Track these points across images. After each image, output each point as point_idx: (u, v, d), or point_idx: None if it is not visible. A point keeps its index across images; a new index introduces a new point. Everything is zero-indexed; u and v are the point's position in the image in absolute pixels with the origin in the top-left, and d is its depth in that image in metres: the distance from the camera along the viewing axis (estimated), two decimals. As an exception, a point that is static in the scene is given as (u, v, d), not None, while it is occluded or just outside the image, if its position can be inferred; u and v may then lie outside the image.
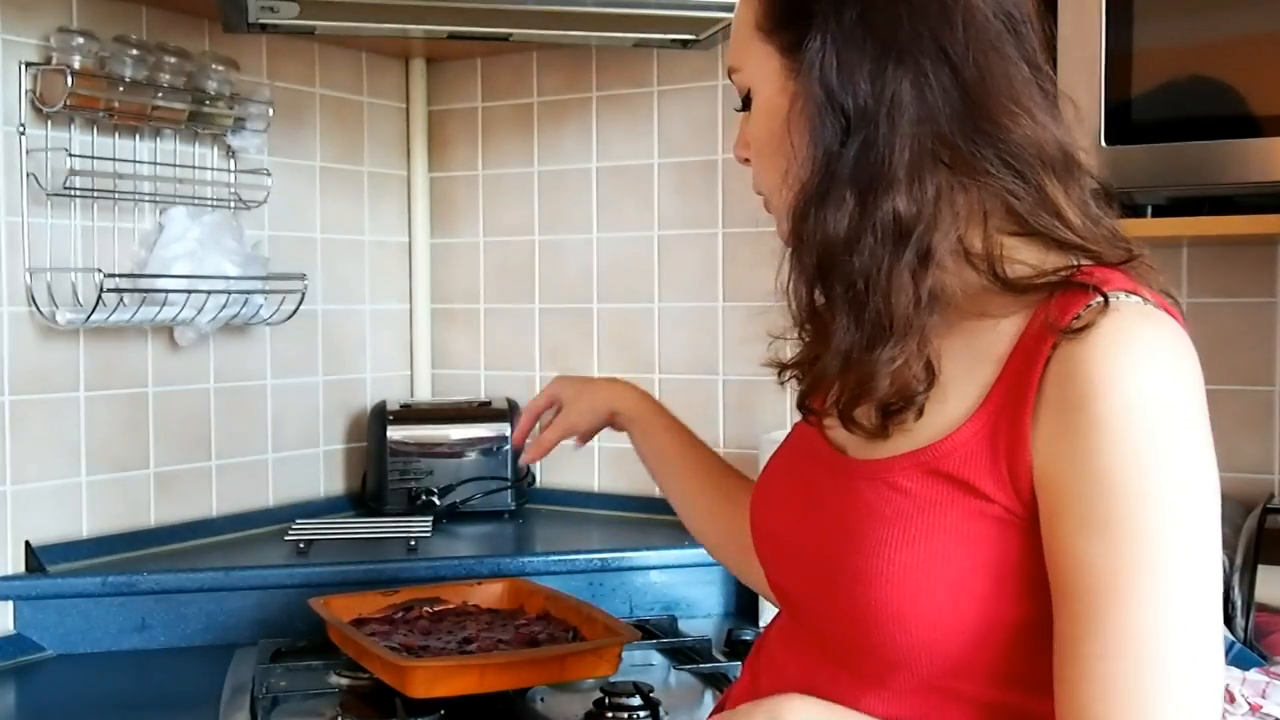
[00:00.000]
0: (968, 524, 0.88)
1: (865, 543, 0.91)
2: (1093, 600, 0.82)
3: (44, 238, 1.82)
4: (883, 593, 0.89)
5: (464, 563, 1.92)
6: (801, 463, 1.06)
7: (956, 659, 0.89)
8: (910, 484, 0.91)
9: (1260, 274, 1.78)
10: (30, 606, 1.78)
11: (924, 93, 0.89)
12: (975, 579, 0.88)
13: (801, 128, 0.93)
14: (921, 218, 0.89)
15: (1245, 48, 1.47)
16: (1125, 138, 1.51)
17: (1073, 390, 0.84)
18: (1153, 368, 0.83)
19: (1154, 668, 0.81)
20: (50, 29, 1.81)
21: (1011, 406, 0.87)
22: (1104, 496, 0.82)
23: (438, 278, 2.49)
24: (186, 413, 2.04)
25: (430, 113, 2.47)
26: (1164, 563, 0.81)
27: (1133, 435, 0.82)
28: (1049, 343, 0.86)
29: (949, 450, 0.90)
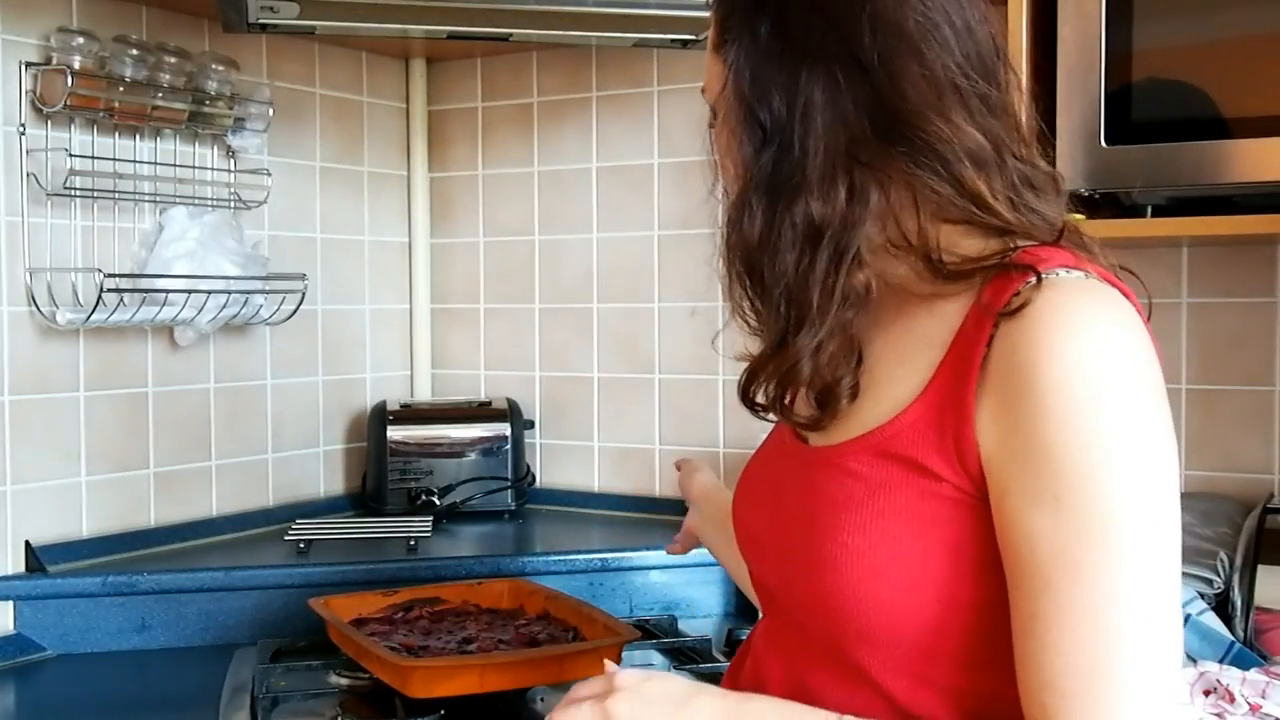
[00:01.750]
0: (919, 504, 0.90)
1: (821, 529, 0.94)
2: (1047, 575, 0.83)
3: (44, 238, 1.82)
4: (841, 577, 0.91)
5: (464, 563, 1.92)
6: (775, 459, 1.09)
7: (923, 644, 0.91)
8: (861, 467, 0.93)
9: (1260, 274, 1.78)
10: (30, 606, 1.78)
11: (836, 98, 0.92)
12: (931, 559, 0.89)
13: (729, 138, 1.00)
14: (834, 218, 0.92)
15: (1245, 48, 1.47)
16: (1125, 138, 1.51)
17: (1013, 367, 0.85)
18: (1091, 339, 0.84)
19: (1115, 639, 0.81)
20: (50, 29, 1.81)
21: (955, 386, 0.89)
22: (1049, 470, 0.83)
23: (437, 278, 2.49)
24: (186, 413, 2.04)
25: (430, 113, 2.47)
26: (1115, 533, 0.82)
27: (1075, 408, 0.83)
28: (989, 323, 0.88)
29: (896, 431, 0.92)
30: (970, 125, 0.92)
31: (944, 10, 0.94)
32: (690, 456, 1.54)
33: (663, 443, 2.26)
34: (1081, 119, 1.52)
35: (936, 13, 0.94)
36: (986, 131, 0.93)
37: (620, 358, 2.31)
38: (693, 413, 2.24)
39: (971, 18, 0.96)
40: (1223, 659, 1.46)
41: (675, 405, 2.26)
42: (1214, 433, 1.81)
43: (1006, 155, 0.94)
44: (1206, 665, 1.40)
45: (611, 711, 0.92)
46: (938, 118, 0.91)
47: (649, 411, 2.27)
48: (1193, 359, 1.82)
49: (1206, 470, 1.81)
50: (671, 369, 2.26)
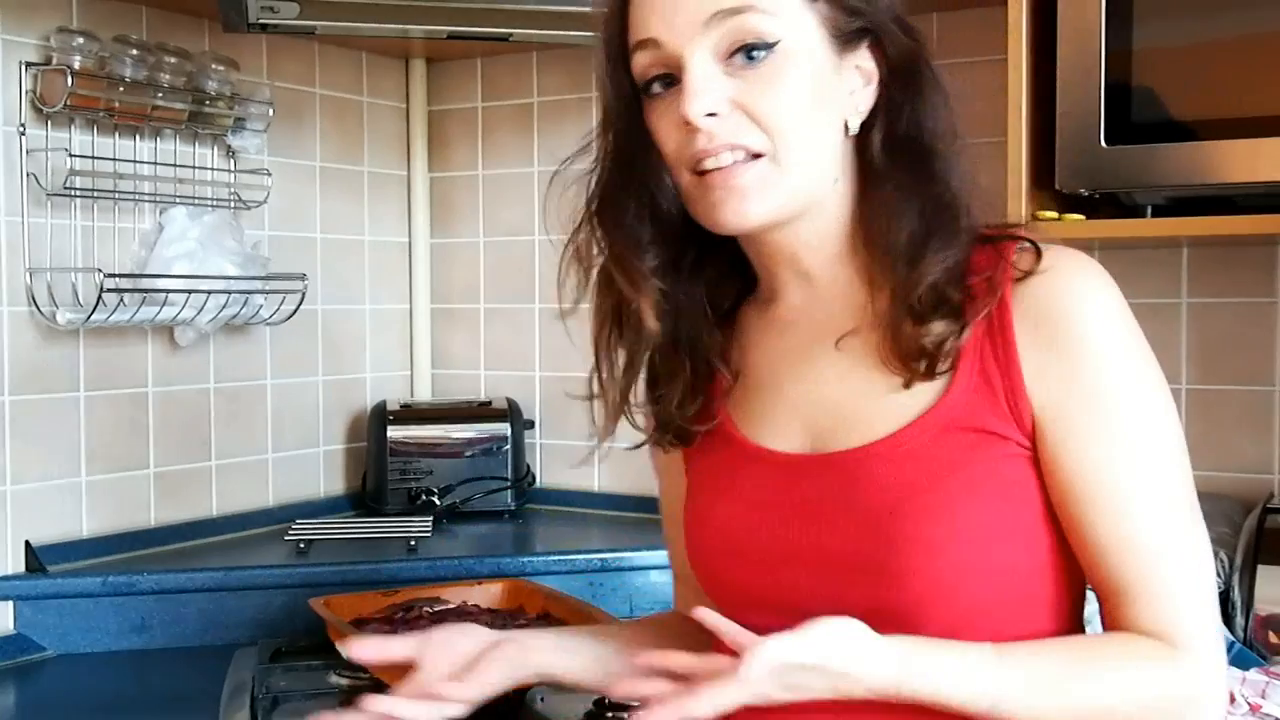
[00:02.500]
0: (998, 467, 0.95)
1: (913, 517, 0.94)
2: (1123, 500, 0.93)
3: (44, 238, 1.82)
4: (951, 558, 0.93)
5: (464, 563, 1.92)
6: (765, 482, 1.05)
7: (1027, 595, 0.96)
8: (930, 448, 0.95)
9: (1260, 274, 1.78)
10: (30, 606, 1.78)
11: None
12: (1021, 517, 0.96)
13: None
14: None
15: (1245, 48, 1.47)
16: (1125, 138, 1.51)
17: (1047, 317, 0.94)
18: (1110, 289, 0.95)
19: (1190, 542, 0.94)
20: (50, 29, 1.81)
21: (994, 348, 0.95)
22: (1110, 407, 0.93)
23: (438, 278, 2.49)
24: (186, 413, 2.04)
25: (430, 113, 2.47)
26: (1173, 448, 0.94)
27: (1115, 348, 0.94)
28: (1007, 284, 0.95)
29: (953, 403, 0.96)
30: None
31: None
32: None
33: (663, 443, 2.26)
34: (1081, 119, 1.52)
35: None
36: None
37: (620, 358, 2.30)
38: (693, 413, 2.23)
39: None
40: (1222, 659, 1.46)
41: (675, 405, 2.25)
42: (1214, 433, 1.81)
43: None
44: (1206, 665, 1.40)
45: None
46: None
47: (649, 411, 2.27)
48: (1193, 359, 1.82)
49: (1206, 470, 1.80)
50: (671, 369, 2.25)
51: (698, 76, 0.95)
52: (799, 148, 0.96)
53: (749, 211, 0.97)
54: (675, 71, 0.97)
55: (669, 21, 0.96)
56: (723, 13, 0.94)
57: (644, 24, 0.98)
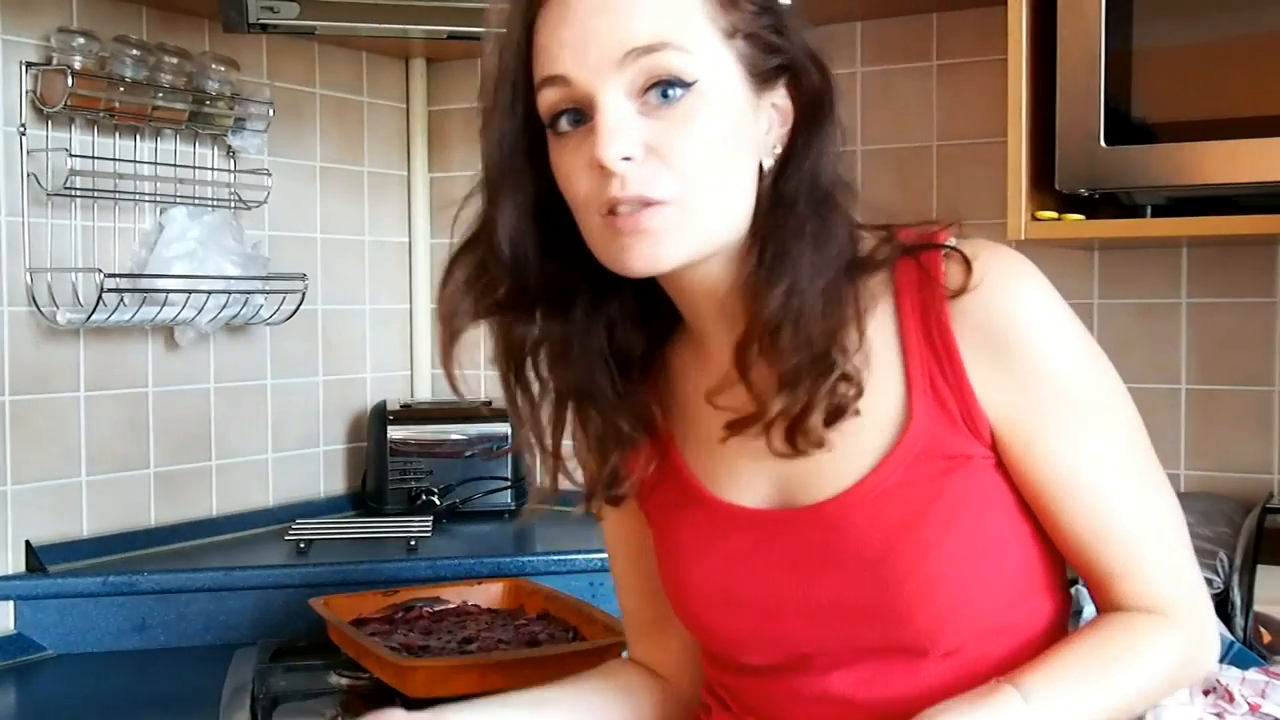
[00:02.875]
0: (969, 486, 0.95)
1: (903, 560, 0.94)
2: (1099, 484, 0.95)
3: (44, 238, 1.82)
4: (949, 590, 0.94)
5: (464, 563, 1.92)
6: (727, 538, 1.03)
7: (1027, 588, 0.98)
8: (903, 485, 0.95)
9: (1260, 274, 1.78)
10: (30, 606, 1.78)
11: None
12: (1000, 525, 0.96)
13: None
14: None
15: (1245, 48, 1.47)
16: (1125, 138, 1.51)
17: (990, 334, 0.93)
18: (1038, 287, 0.95)
19: (1165, 507, 0.97)
20: (50, 29, 1.81)
21: (942, 370, 0.94)
22: (1067, 402, 0.94)
23: (438, 278, 2.48)
24: (186, 413, 2.04)
25: (430, 113, 2.47)
26: (1126, 422, 0.97)
27: (1058, 344, 0.94)
28: (939, 305, 0.94)
29: (917, 436, 0.95)
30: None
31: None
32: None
33: (663, 443, 2.26)
34: (1081, 119, 1.52)
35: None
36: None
37: (620, 358, 2.30)
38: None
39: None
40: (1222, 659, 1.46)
41: (675, 405, 2.25)
42: (1214, 433, 1.81)
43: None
44: (1206, 665, 1.40)
45: None
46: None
47: (649, 411, 2.27)
48: (1193, 359, 1.82)
49: (1206, 470, 1.81)
50: (671, 369, 2.25)
51: (612, 117, 0.90)
52: (712, 192, 0.92)
53: (660, 255, 0.92)
54: (586, 109, 0.92)
55: (580, 58, 0.91)
56: (638, 50, 0.90)
57: (552, 59, 0.92)
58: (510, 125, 0.98)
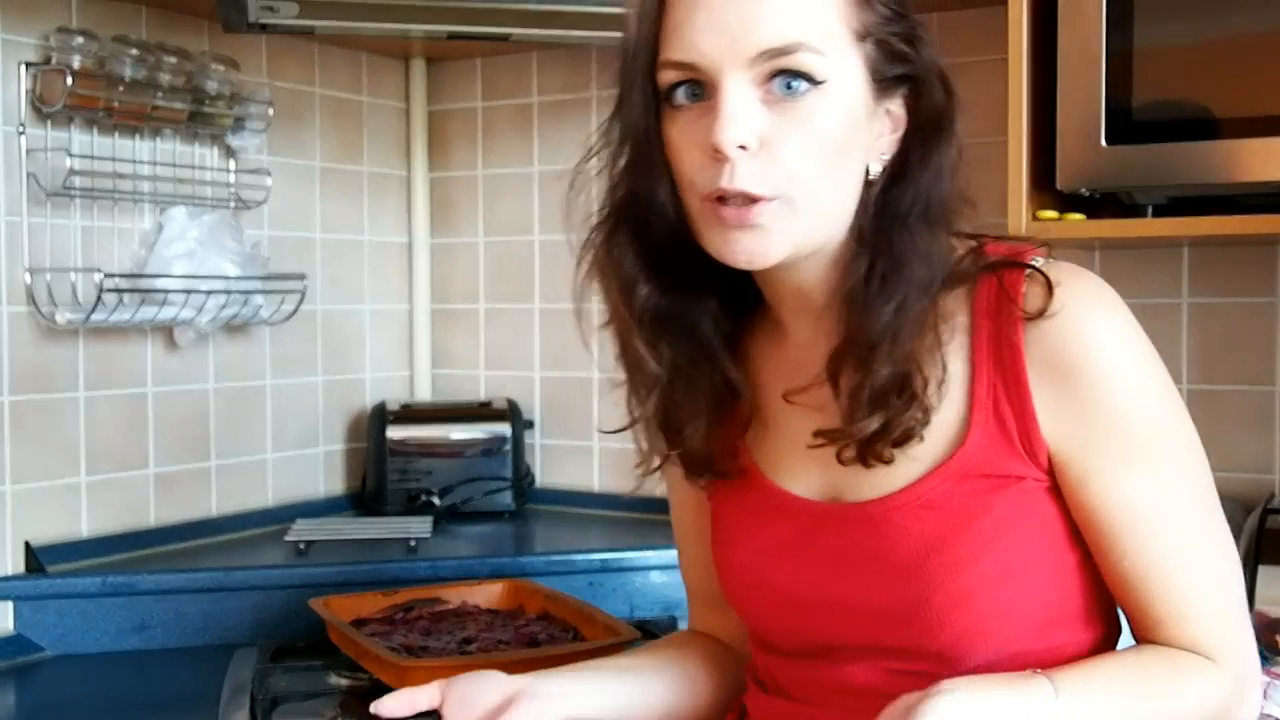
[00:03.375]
0: (1017, 508, 0.95)
1: (939, 569, 0.94)
2: (1154, 524, 0.94)
3: (44, 238, 1.82)
4: (981, 605, 0.94)
5: (464, 563, 1.92)
6: (771, 524, 1.05)
7: (1058, 616, 0.97)
8: (949, 498, 0.95)
9: (1260, 274, 1.78)
10: (30, 606, 1.78)
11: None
12: (1042, 548, 0.96)
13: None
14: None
15: (1245, 48, 1.47)
16: (1125, 138, 1.51)
17: (1062, 362, 0.93)
18: (1116, 320, 0.95)
19: (1219, 555, 0.96)
20: (50, 29, 1.81)
21: (1008, 391, 0.94)
22: (1131, 439, 0.93)
23: (438, 278, 2.49)
24: (186, 413, 2.04)
25: (430, 113, 2.47)
26: (1192, 469, 0.96)
27: (1129, 381, 0.94)
28: (1014, 326, 0.93)
29: (971, 452, 0.95)
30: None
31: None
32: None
33: (663, 443, 2.26)
34: (1081, 119, 1.52)
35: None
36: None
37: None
38: (693, 413, 2.23)
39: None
40: (1223, 659, 1.46)
41: (675, 405, 2.25)
42: (1214, 433, 1.79)
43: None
44: (1207, 665, 1.40)
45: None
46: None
47: (649, 411, 2.27)
48: (1193, 359, 1.82)
49: (1207, 470, 1.80)
50: (671, 369, 2.25)
51: (734, 104, 0.91)
52: (819, 191, 0.93)
53: (765, 251, 0.94)
54: (709, 89, 0.93)
55: (712, 49, 0.91)
56: (771, 51, 0.91)
57: (684, 46, 0.93)
58: (634, 95, 0.99)
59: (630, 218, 1.01)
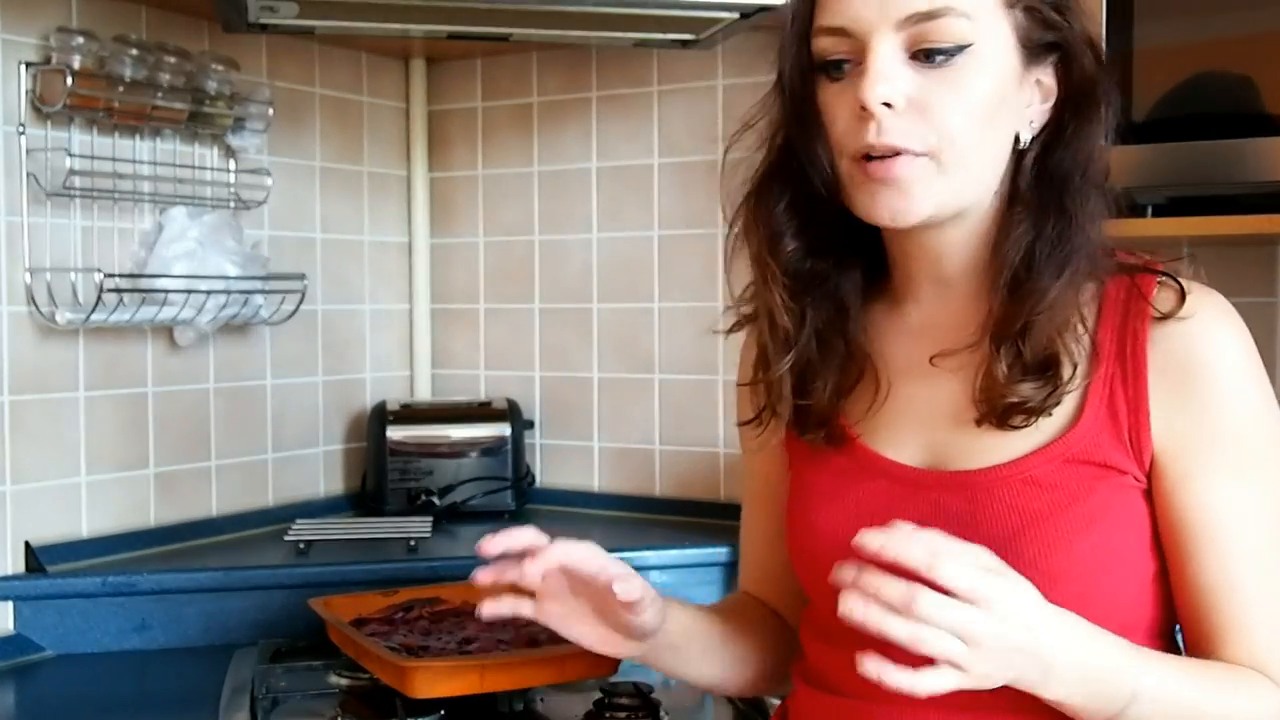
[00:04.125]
0: (1115, 499, 0.95)
1: (1033, 545, 0.95)
2: (1243, 539, 0.94)
3: (44, 238, 1.82)
4: (1069, 588, 0.93)
5: (464, 563, 1.91)
6: (865, 488, 1.04)
7: (1134, 622, 0.97)
8: (1053, 477, 0.96)
9: (1260, 274, 1.78)
10: (30, 606, 1.78)
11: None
12: (1133, 547, 0.96)
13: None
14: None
15: (1245, 48, 1.47)
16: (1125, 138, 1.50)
17: (1185, 364, 0.95)
18: (1242, 337, 0.97)
19: None
20: (50, 29, 1.81)
21: (1126, 386, 0.96)
22: (1238, 448, 0.94)
23: (438, 278, 2.49)
24: (186, 413, 2.04)
25: (430, 113, 2.47)
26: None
27: (1247, 393, 0.95)
28: (1142, 325, 0.96)
29: (1080, 437, 0.96)
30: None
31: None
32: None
33: (663, 443, 2.26)
34: (1081, 119, 1.52)
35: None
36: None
37: (620, 358, 2.31)
38: (693, 413, 2.23)
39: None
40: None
41: (675, 405, 2.26)
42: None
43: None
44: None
45: (975, 664, 0.85)
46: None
47: (649, 411, 2.27)
48: (1193, 359, 1.82)
49: (1207, 470, 1.80)
50: (671, 369, 2.26)
51: (882, 63, 0.94)
52: (967, 154, 0.96)
53: (907, 209, 0.96)
54: (858, 56, 0.96)
55: (863, 12, 0.95)
56: (919, 15, 0.93)
57: (835, 11, 0.97)
58: (791, 65, 1.02)
59: (784, 176, 1.04)
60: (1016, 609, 0.86)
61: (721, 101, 2.19)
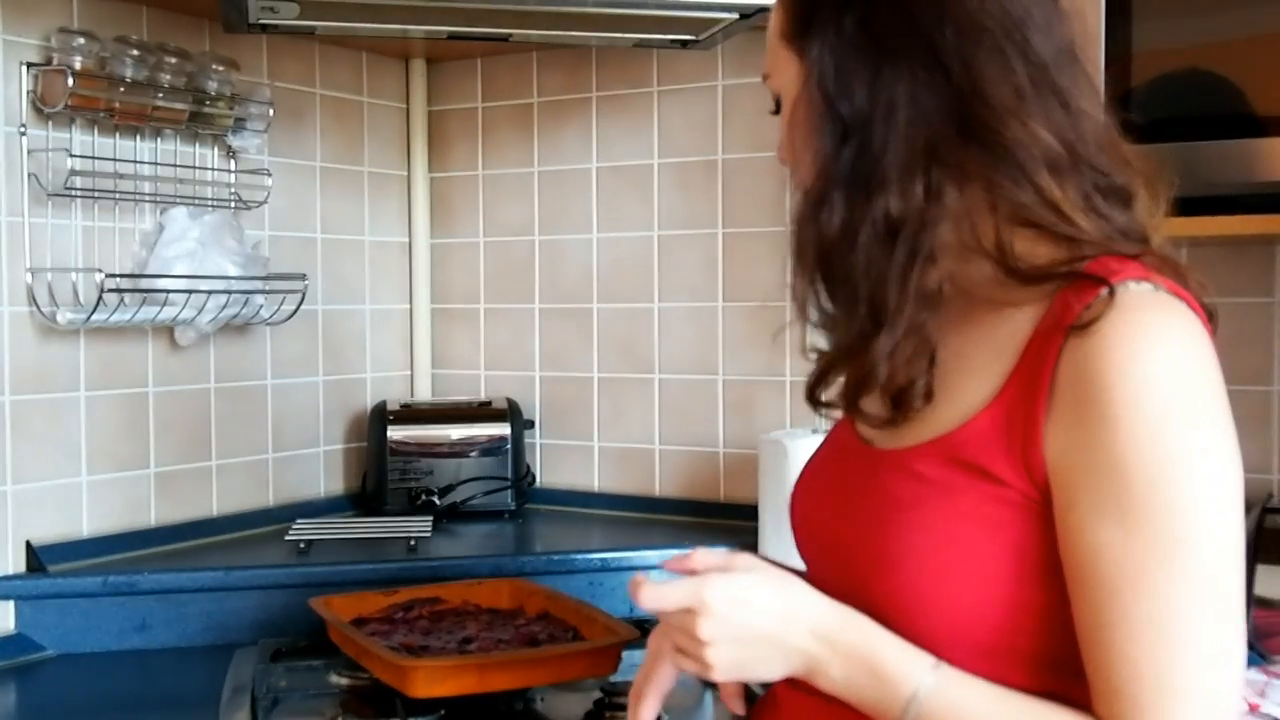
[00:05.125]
0: (985, 508, 0.91)
1: (886, 530, 0.94)
2: (1113, 585, 0.85)
3: (45, 238, 1.83)
4: (906, 578, 0.92)
5: (464, 563, 1.92)
6: (837, 459, 1.09)
7: (988, 644, 0.92)
8: (930, 471, 0.94)
9: (1260, 274, 1.78)
10: (30, 606, 1.78)
11: (917, 96, 0.92)
12: (996, 562, 0.90)
13: (808, 131, 0.97)
14: (910, 217, 0.92)
15: (1244, 48, 1.47)
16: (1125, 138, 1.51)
17: (1083, 382, 0.86)
18: (1160, 358, 0.86)
19: (1180, 650, 0.84)
20: (51, 29, 1.81)
21: (1026, 397, 0.90)
22: (1119, 485, 0.85)
23: (438, 278, 2.49)
24: (186, 413, 2.04)
25: (430, 113, 2.47)
26: (1181, 549, 0.85)
27: (1144, 425, 0.85)
28: (1059, 335, 0.88)
29: (966, 438, 0.93)
30: (1048, 129, 0.92)
31: (1027, 10, 0.94)
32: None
33: (663, 443, 2.26)
34: (1081, 119, 1.52)
35: (1024, 12, 0.94)
36: (1063, 136, 0.93)
37: (620, 358, 2.31)
38: (693, 413, 2.24)
39: (1052, 18, 0.96)
40: (1222, 659, 1.46)
41: (675, 405, 2.26)
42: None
43: (1082, 162, 0.94)
44: (1206, 665, 1.40)
45: (710, 660, 0.93)
46: (1015, 121, 0.92)
47: (649, 411, 2.28)
48: (1192, 359, 1.82)
49: (1206, 470, 1.80)
50: (671, 369, 2.26)
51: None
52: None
53: None
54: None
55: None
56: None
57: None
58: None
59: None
60: (740, 609, 0.92)
61: (721, 101, 2.19)
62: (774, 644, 0.93)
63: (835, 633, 0.93)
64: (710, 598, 0.93)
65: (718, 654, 0.93)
